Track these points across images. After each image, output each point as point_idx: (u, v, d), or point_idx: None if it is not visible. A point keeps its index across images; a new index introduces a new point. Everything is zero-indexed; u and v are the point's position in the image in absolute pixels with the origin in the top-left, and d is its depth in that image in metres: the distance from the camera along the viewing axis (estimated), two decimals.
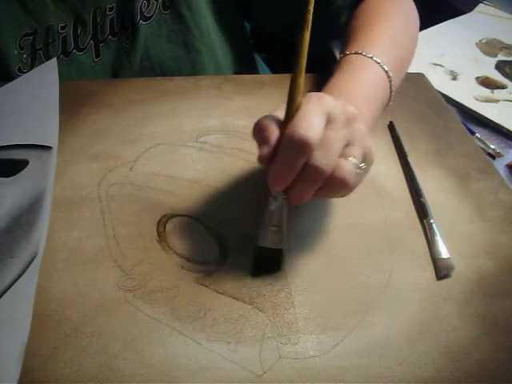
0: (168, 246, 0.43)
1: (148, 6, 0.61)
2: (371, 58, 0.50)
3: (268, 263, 0.41)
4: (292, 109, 0.38)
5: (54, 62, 0.55)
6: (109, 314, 0.38)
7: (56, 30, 0.58)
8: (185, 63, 0.66)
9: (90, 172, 0.49)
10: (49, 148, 0.44)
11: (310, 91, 0.39)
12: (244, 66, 0.74)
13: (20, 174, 0.41)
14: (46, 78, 0.48)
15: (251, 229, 0.44)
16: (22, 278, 0.37)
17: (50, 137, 0.45)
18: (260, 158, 0.38)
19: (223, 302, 0.39)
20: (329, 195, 0.41)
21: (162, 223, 0.45)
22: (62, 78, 0.57)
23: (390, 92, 0.52)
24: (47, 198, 0.42)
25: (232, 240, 0.44)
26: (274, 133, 0.38)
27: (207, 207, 0.46)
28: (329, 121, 0.37)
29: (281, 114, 0.39)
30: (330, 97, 0.39)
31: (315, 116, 0.37)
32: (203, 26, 0.65)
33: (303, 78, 0.38)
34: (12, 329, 0.34)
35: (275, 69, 0.83)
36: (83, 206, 0.46)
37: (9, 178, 0.41)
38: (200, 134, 0.55)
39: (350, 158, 0.38)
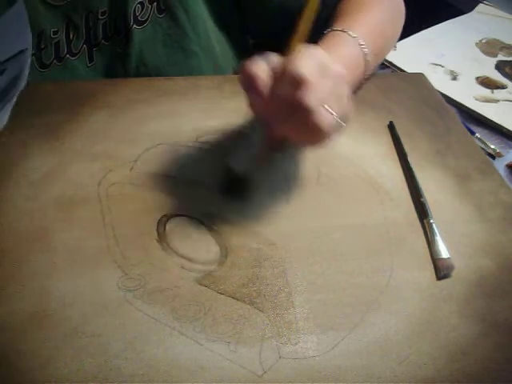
0: (168, 246, 0.43)
1: (142, 10, 0.61)
2: (354, 37, 0.51)
3: (233, 185, 0.43)
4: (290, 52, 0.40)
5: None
6: (109, 314, 0.38)
7: (48, 35, 0.58)
8: (181, 68, 0.66)
9: (90, 172, 0.49)
10: (24, 50, 0.45)
11: None
12: None
13: None
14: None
15: (251, 229, 0.44)
16: None
17: (23, 40, 0.45)
18: (250, 105, 0.41)
19: (223, 302, 0.39)
20: (301, 138, 0.42)
21: (162, 223, 0.45)
22: None
23: (364, 73, 0.53)
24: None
25: (232, 240, 0.44)
26: (260, 78, 0.39)
27: (207, 207, 0.46)
28: (322, 70, 0.39)
29: (270, 57, 0.40)
30: (324, 52, 0.41)
31: (312, 60, 0.39)
32: (200, 29, 0.65)
33: (307, 29, 0.40)
34: None
35: None
36: (83, 206, 0.46)
37: None
38: (200, 134, 0.55)
39: (330, 110, 0.39)
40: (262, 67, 0.40)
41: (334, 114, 0.40)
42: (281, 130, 0.42)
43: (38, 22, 0.57)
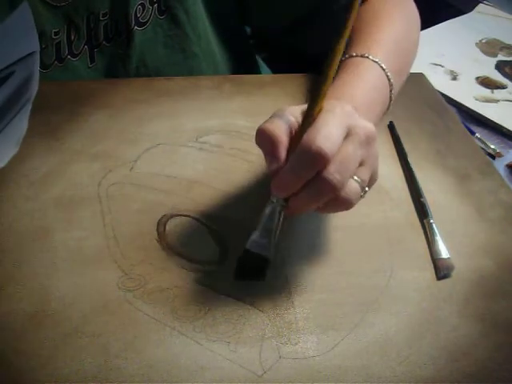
0: (168, 246, 0.43)
1: (143, 11, 0.61)
2: (377, 62, 0.49)
3: (251, 269, 0.40)
4: (311, 116, 0.36)
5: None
6: (109, 314, 0.38)
7: (49, 36, 0.58)
8: (181, 69, 0.66)
9: (90, 172, 0.49)
10: (32, 53, 0.45)
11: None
12: (244, 66, 0.74)
13: (8, 80, 0.43)
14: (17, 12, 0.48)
15: (251, 229, 0.44)
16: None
17: (31, 43, 0.45)
18: (271, 173, 0.36)
19: (223, 302, 0.39)
20: (327, 211, 0.39)
21: (162, 223, 0.45)
22: None
23: (390, 100, 0.51)
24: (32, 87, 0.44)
25: (232, 240, 0.44)
26: (282, 144, 0.36)
27: (207, 207, 0.46)
28: (349, 135, 0.36)
29: (288, 117, 0.37)
30: (352, 109, 0.37)
31: (336, 127, 0.35)
32: (200, 30, 0.65)
33: (328, 87, 0.37)
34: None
35: (275, 69, 0.83)
36: (83, 206, 0.46)
37: None
38: (200, 134, 0.55)
39: (360, 180, 0.37)
40: (284, 128, 0.36)
41: (363, 183, 0.37)
42: (304, 203, 0.37)
43: (39, 22, 0.57)
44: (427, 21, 0.86)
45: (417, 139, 0.56)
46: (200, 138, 0.54)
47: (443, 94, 0.71)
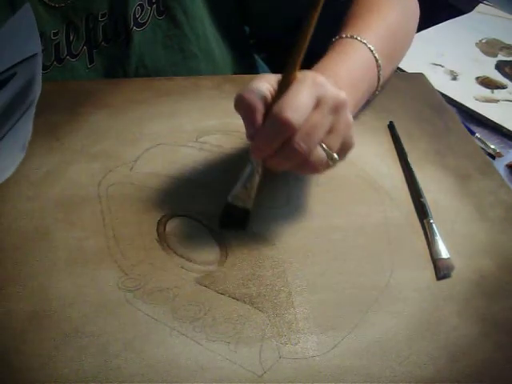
0: (168, 246, 0.43)
1: (142, 12, 0.61)
2: (364, 43, 0.50)
3: (234, 220, 0.44)
4: (285, 86, 0.39)
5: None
6: (109, 314, 0.38)
7: (48, 36, 0.58)
8: (181, 69, 0.66)
9: (90, 172, 0.49)
10: (34, 55, 0.45)
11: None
12: (244, 66, 0.74)
13: (10, 82, 0.43)
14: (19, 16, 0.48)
15: (251, 228, 0.44)
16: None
17: (33, 44, 0.45)
18: (248, 137, 0.40)
19: (223, 302, 0.39)
20: (299, 173, 0.44)
21: (162, 223, 0.45)
22: None
23: (378, 81, 0.52)
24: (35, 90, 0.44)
25: (232, 240, 0.44)
26: (259, 112, 0.38)
27: (207, 207, 0.46)
28: (318, 104, 0.38)
29: (264, 84, 0.39)
30: (324, 79, 0.40)
31: (305, 97, 0.37)
32: (199, 30, 0.65)
33: (301, 58, 0.39)
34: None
35: (275, 69, 0.83)
36: (83, 206, 0.46)
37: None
38: (200, 134, 0.55)
39: (326, 148, 0.39)
40: (260, 95, 0.39)
41: (329, 150, 0.39)
42: (277, 164, 0.41)
43: (38, 23, 0.57)
44: (427, 21, 0.86)
45: (417, 139, 0.56)
46: (200, 138, 0.54)
47: (443, 94, 0.71)
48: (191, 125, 0.56)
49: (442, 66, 0.81)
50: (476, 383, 0.35)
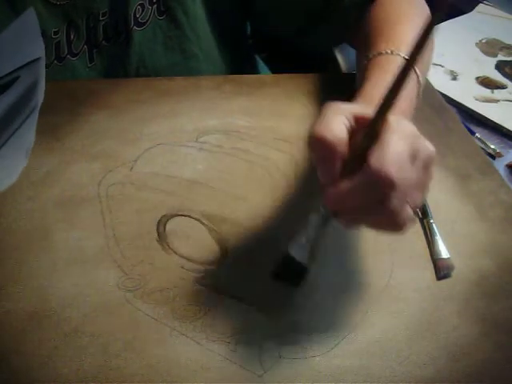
0: (168, 246, 0.43)
1: (142, 12, 0.61)
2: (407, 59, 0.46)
3: (288, 274, 0.40)
4: (375, 130, 0.33)
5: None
6: (109, 314, 0.38)
7: (49, 35, 0.58)
8: (181, 69, 0.65)
9: (90, 172, 0.49)
10: (38, 59, 0.45)
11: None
12: (244, 66, 0.74)
13: (13, 86, 0.43)
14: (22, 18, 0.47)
15: (251, 228, 0.44)
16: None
17: (37, 48, 0.45)
18: (322, 184, 0.34)
19: (223, 302, 0.39)
20: (377, 230, 0.36)
21: (162, 223, 0.45)
22: None
23: (419, 96, 0.47)
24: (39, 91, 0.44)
25: (232, 240, 0.44)
26: (340, 157, 0.33)
27: (207, 207, 0.46)
28: (412, 159, 0.33)
29: (343, 119, 0.34)
30: (414, 128, 0.35)
31: (405, 152, 0.33)
32: (200, 30, 0.65)
33: (396, 100, 0.33)
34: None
35: (275, 69, 0.83)
36: (83, 206, 0.46)
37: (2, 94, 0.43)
38: (200, 134, 0.55)
39: (414, 206, 0.34)
40: (340, 136, 0.33)
41: (416, 207, 0.34)
42: (357, 220, 0.36)
43: (39, 21, 0.57)
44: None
45: None
46: (200, 138, 0.54)
47: (443, 94, 0.71)
48: (191, 125, 0.56)
49: (442, 66, 0.81)
50: (476, 383, 0.35)
